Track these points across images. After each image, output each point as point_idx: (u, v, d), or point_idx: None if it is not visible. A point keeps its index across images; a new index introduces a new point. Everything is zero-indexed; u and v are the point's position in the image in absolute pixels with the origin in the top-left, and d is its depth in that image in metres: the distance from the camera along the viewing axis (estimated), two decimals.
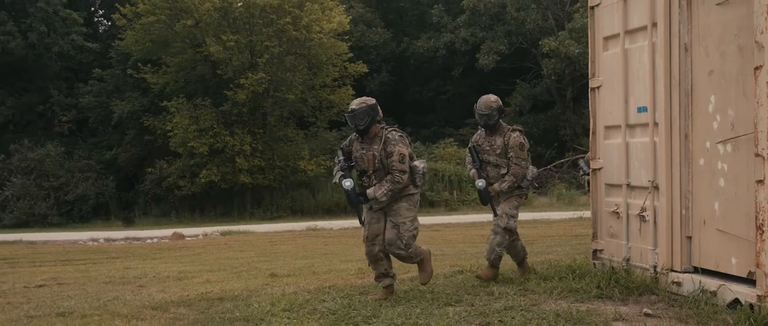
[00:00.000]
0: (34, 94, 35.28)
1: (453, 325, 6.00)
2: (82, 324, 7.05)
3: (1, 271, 13.36)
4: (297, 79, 30.59)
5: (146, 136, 32.26)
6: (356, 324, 6.28)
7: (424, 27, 37.98)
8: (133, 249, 17.90)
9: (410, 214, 7.07)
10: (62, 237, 23.31)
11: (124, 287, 10.07)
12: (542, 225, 18.92)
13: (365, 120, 6.90)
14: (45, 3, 34.62)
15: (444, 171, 30.18)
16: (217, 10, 29.90)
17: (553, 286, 7.40)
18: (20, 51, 33.67)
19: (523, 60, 35.39)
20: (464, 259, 11.02)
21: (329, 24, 30.32)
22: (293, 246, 17.18)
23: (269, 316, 6.79)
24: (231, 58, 29.85)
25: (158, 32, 30.81)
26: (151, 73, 31.28)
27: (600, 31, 7.78)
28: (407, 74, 38.55)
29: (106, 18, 39.96)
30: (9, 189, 31.50)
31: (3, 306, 8.74)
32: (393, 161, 6.86)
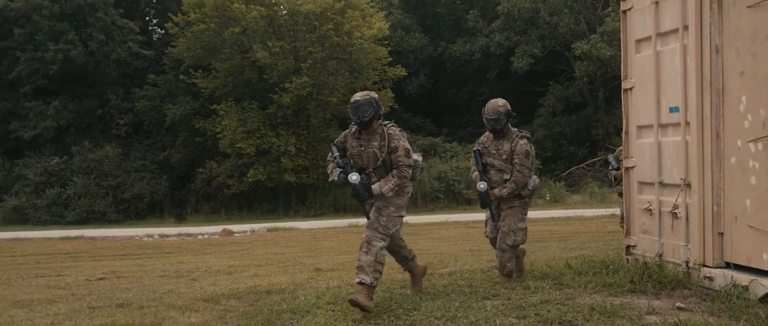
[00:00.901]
0: (93, 98, 35.74)
1: (491, 318, 5.95)
2: (139, 315, 7.11)
3: (64, 265, 13.56)
4: (339, 82, 30.64)
5: (197, 138, 32.52)
6: (398, 316, 6.25)
7: (460, 31, 37.83)
8: (186, 245, 18.05)
9: (398, 202, 6.60)
10: (120, 233, 23.61)
11: (178, 280, 10.15)
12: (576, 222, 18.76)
13: (369, 112, 6.39)
14: (104, 13, 35.08)
15: None
16: (264, 18, 30.07)
17: (587, 281, 7.31)
18: (81, 59, 34.13)
19: (556, 62, 35.09)
20: None
21: (369, 30, 30.33)
22: (336, 242, 17.20)
23: (315, 309, 6.80)
24: (276, 64, 29.99)
25: (208, 39, 31.04)
26: (201, 78, 31.54)
27: (632, 34, 7.67)
28: (444, 77, 38.44)
29: (159, 26, 40.41)
30: (71, 188, 32.03)
31: (67, 298, 8.87)
32: (399, 156, 6.44)
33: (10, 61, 34.94)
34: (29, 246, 19.60)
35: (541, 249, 11.86)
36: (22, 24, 34.51)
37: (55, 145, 34.56)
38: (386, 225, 6.47)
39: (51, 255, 16.19)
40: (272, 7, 30.90)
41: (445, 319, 5.99)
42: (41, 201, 32.08)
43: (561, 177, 31.35)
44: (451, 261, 10.28)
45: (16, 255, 16.30)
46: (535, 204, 27.20)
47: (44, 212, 31.75)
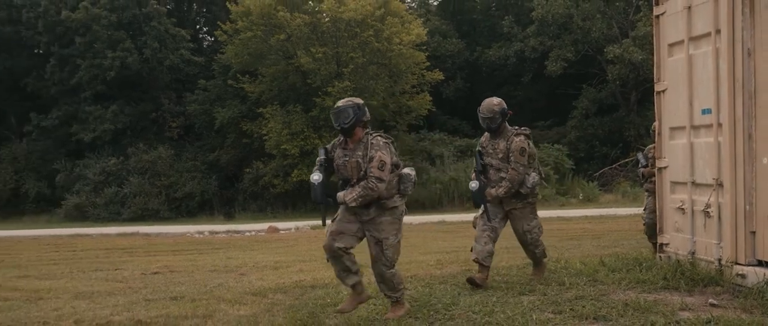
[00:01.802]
0: (148, 103, 36.17)
1: (527, 313, 5.90)
2: (192, 307, 7.17)
3: (121, 260, 13.73)
4: (379, 86, 30.64)
5: (244, 140, 32.74)
6: (437, 311, 6.23)
7: (495, 37, 37.64)
8: (234, 241, 18.17)
9: (393, 228, 6.00)
10: (172, 230, 23.83)
11: (228, 275, 10.23)
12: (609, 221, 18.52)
13: (350, 119, 5.81)
14: (158, 23, 35.49)
15: None
16: (307, 25, 30.20)
17: (621, 277, 7.23)
18: (137, 65, 34.54)
19: (589, 66, 34.74)
20: None
21: (408, 36, 30.30)
22: None
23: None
24: (319, 69, 30.09)
25: (255, 46, 31.24)
26: (248, 83, 31.76)
27: (665, 38, 7.57)
28: (480, 80, 38.26)
29: (209, 34, 40.72)
30: (127, 187, 32.45)
31: (124, 290, 8.99)
32: (371, 167, 5.75)
33: (72, 68, 35.48)
34: (89, 241, 19.88)
35: (575, 247, 11.75)
36: (82, 33, 35.01)
37: (113, 146, 35.02)
38: (392, 258, 6.00)
39: (109, 250, 16.39)
40: (316, 15, 31.02)
41: (483, 313, 5.96)
42: (100, 200, 32.54)
43: (594, 177, 31.06)
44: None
45: (77, 250, 16.53)
46: (569, 203, 27.06)
47: (102, 210, 32.20)
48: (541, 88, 36.31)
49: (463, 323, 5.71)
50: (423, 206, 28.02)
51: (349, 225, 5.98)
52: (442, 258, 10.28)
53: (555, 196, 28.87)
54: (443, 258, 10.53)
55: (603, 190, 29.77)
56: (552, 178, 29.96)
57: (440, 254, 11.06)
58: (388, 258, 5.97)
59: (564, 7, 33.13)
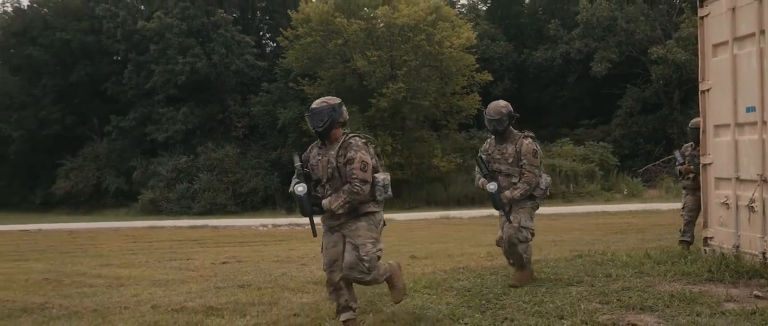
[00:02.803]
0: (215, 105, 36.65)
1: (575, 303, 5.83)
2: (258, 295, 7.25)
3: (192, 250, 13.93)
4: (431, 87, 30.56)
5: (304, 139, 32.88)
6: (488, 300, 6.20)
7: (542, 39, 37.23)
8: (295, 234, 18.28)
9: (371, 235, 5.31)
10: (238, 223, 24.08)
11: (290, 265, 10.31)
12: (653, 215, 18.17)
13: (325, 121, 5.26)
14: (225, 30, 35.93)
15: (561, 166, 29.48)
16: (363, 31, 30.26)
17: (666, 269, 7.10)
18: (205, 70, 35.03)
19: (633, 66, 34.12)
20: (582, 245, 10.71)
21: (458, 39, 30.15)
22: (429, 232, 17.16)
23: (412, 292, 6.79)
24: (374, 71, 30.13)
25: (314, 51, 31.43)
26: (308, 85, 31.93)
27: (709, 38, 7.40)
28: (527, 81, 37.90)
29: (271, 40, 41.08)
30: (197, 183, 32.94)
31: (196, 278, 9.13)
32: (353, 169, 5.13)
33: (147, 73, 36.14)
34: (163, 233, 20.19)
35: (621, 240, 11.57)
36: (156, 41, 35.63)
37: (184, 145, 35.57)
38: (371, 266, 5.27)
39: (181, 241, 16.61)
40: (371, 21, 31.05)
41: (533, 303, 5.90)
42: (172, 195, 33.07)
43: (638, 173, 30.53)
44: (535, 251, 10.06)
45: (153, 241, 16.81)
46: (613, 198, 26.64)
47: (175, 204, 32.71)
48: (586, 88, 35.80)
49: (513, 312, 5.66)
50: (472, 201, 27.84)
51: (335, 249, 5.41)
52: (492, 251, 10.19)
53: (600, 192, 28.49)
54: (493, 250, 10.43)
55: (647, 186, 29.22)
56: (597, 174, 29.60)
57: (490, 247, 10.95)
58: (366, 265, 5.24)
59: (608, 10, 32.62)
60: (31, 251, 14.92)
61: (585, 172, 29.47)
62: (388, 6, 30.29)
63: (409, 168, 30.45)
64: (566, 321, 5.26)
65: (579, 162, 30.01)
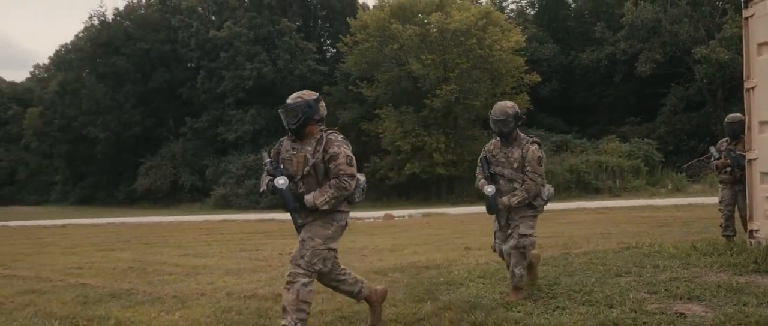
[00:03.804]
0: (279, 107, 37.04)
1: (624, 293, 5.71)
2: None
3: (261, 242, 14.05)
4: (482, 88, 30.36)
5: (363, 138, 33.06)
6: (539, 289, 6.11)
7: (588, 41, 36.63)
8: (355, 227, 18.24)
9: (324, 233, 4.66)
10: None
11: (351, 256, 10.30)
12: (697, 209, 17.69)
13: (299, 117, 4.63)
14: (289, 38, 36.37)
15: (607, 162, 28.98)
16: (418, 36, 30.24)
17: (712, 261, 6.91)
18: (271, 75, 35.49)
19: (677, 66, 33.32)
20: (629, 237, 10.48)
21: (508, 42, 29.89)
22: (480, 225, 16.94)
23: (467, 281, 6.75)
24: (428, 74, 30.08)
25: (371, 55, 31.55)
26: (366, 88, 32.06)
27: (754, 38, 7.17)
28: (574, 81, 37.36)
29: (332, 46, 41.38)
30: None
31: (265, 268, 9.22)
32: (339, 164, 4.57)
33: (218, 78, 36.78)
34: (233, 226, 20.41)
35: (666, 233, 11.30)
36: (226, 49, 36.23)
37: (251, 144, 36.02)
38: (310, 261, 4.60)
39: (250, 233, 16.73)
40: (425, 26, 30.99)
41: (583, 293, 5.80)
42: (241, 190, 33.53)
43: (682, 168, 29.82)
44: (584, 243, 9.96)
45: (225, 233, 16.99)
46: (658, 193, 26.03)
47: (244, 199, 33.14)
48: (631, 87, 35.10)
49: (564, 301, 5.58)
50: None
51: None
52: (542, 243, 10.04)
53: (645, 187, 27.92)
54: (543, 242, 10.29)
55: (691, 181, 28.50)
56: (642, 170, 29.02)
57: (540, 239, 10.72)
58: (306, 259, 4.60)
59: (652, 12, 31.94)
60: (116, 242, 15.28)
61: (630, 168, 28.92)
62: (441, 12, 30.19)
63: (461, 165, 30.30)
64: (615, 310, 5.16)
65: (625, 158, 29.46)
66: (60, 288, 8.01)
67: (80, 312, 6.30)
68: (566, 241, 10.30)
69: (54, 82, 45.83)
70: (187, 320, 5.69)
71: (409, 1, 31.81)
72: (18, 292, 7.87)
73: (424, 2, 31.71)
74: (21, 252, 13.42)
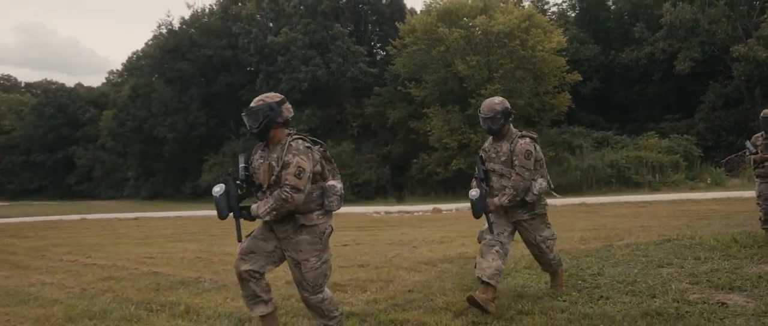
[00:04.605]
0: (333, 107, 37.32)
1: (666, 283, 5.61)
2: (376, 273, 7.33)
3: None
4: (525, 88, 30.03)
5: (411, 135, 33.06)
6: (584, 279, 6.05)
7: (627, 41, 35.90)
8: (405, 220, 18.35)
9: (314, 250, 4.26)
10: (355, 210, 24.34)
11: (402, 247, 10.33)
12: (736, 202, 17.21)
13: (260, 121, 4.20)
14: (341, 42, 36.57)
15: (647, 157, 28.39)
16: (463, 38, 30.07)
17: (753, 253, 6.73)
18: (324, 77, 35.74)
19: (715, 64, 32.43)
20: (669, 230, 10.26)
21: (550, 43, 29.50)
22: None
23: (514, 272, 6.72)
24: (473, 74, 29.89)
25: (419, 57, 31.49)
26: (414, 88, 32.02)
27: None
28: (614, 80, 36.70)
29: (382, 49, 41.43)
30: None
31: None
32: (287, 173, 4.08)
33: (275, 81, 37.18)
34: None
35: (706, 225, 11.02)
36: (283, 53, 36.62)
37: None
38: (316, 283, 4.30)
39: None
40: (470, 29, 30.79)
41: (626, 283, 5.72)
42: None
43: (721, 163, 29.04)
44: (626, 235, 9.79)
45: None
46: (697, 187, 25.39)
47: None
48: (670, 85, 34.34)
49: (608, 291, 5.51)
50: (564, 190, 27.24)
51: (264, 243, 4.36)
52: (585, 235, 9.93)
53: (684, 181, 27.25)
54: (586, 234, 10.18)
55: (730, 175, 27.71)
56: (681, 165, 28.36)
57: (583, 231, 10.69)
58: (310, 283, 4.29)
59: (691, 12, 31.15)
60: (183, 234, 15.60)
61: (670, 163, 28.27)
62: (486, 15, 29.96)
63: None
64: (658, 300, 5.07)
65: (664, 153, 28.82)
66: (135, 275, 8.23)
67: (154, 297, 6.46)
68: (608, 233, 10.14)
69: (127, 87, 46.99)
70: None
71: (454, 5, 31.64)
72: (98, 279, 8.11)
73: (469, 6, 31.51)
74: (99, 242, 13.82)
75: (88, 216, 24.93)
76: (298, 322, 5.17)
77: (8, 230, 19.21)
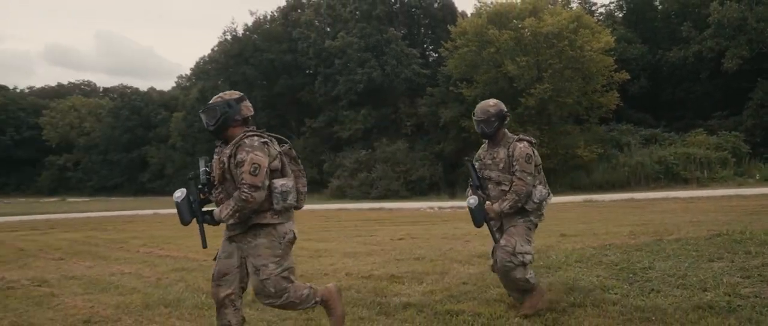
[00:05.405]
0: (388, 107, 37.36)
1: (718, 277, 5.46)
2: (431, 266, 7.33)
3: (373, 228, 14.24)
4: (573, 87, 29.53)
5: (463, 134, 32.81)
6: (634, 273, 5.93)
7: (674, 41, 34.87)
8: (458, 215, 18.22)
9: (272, 253, 3.96)
10: (409, 205, 24.39)
11: (456, 241, 10.30)
12: None
13: (217, 118, 3.92)
14: (395, 45, 36.58)
15: (695, 154, 27.57)
16: (513, 39, 29.75)
17: None
18: (379, 79, 35.82)
19: (764, 62, 31.17)
20: (719, 225, 9.94)
21: (598, 43, 28.92)
22: (575, 213, 16.56)
23: (565, 266, 6.63)
24: (523, 74, 29.53)
25: (470, 58, 31.26)
26: (465, 88, 31.78)
27: None
28: (661, 79, 35.70)
29: (434, 51, 41.25)
30: (374, 173, 33.68)
31: (379, 252, 9.33)
32: (242, 172, 3.77)
33: (333, 83, 37.48)
34: (348, 214, 20.77)
35: (756, 220, 10.64)
36: (340, 56, 36.84)
37: (363, 142, 36.52)
38: (277, 288, 3.96)
39: (363, 221, 17.00)
40: (519, 31, 30.41)
41: (677, 277, 5.59)
42: (355, 182, 34.01)
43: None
44: (675, 230, 9.54)
45: (341, 221, 17.34)
46: (746, 183, 24.54)
47: (357, 190, 33.61)
48: (718, 82, 33.21)
49: (659, 284, 5.39)
50: (613, 186, 26.78)
51: (229, 260, 4.07)
52: (635, 230, 9.71)
53: (733, 177, 26.37)
54: (635, 229, 9.96)
55: None
56: (730, 161, 27.47)
57: (632, 226, 10.46)
58: (269, 292, 3.96)
59: (738, 10, 30.07)
60: None
61: (718, 159, 27.39)
62: (535, 17, 29.58)
63: (555, 157, 29.62)
64: (710, 293, 4.94)
65: (712, 150, 27.95)
66: (204, 266, 8.42)
67: None
68: (657, 228, 9.90)
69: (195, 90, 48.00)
70: None
71: (504, 7, 31.33)
72: (171, 269, 8.34)
73: (519, 8, 31.13)
74: (171, 235, 14.18)
75: (160, 211, 25.60)
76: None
77: (90, 224, 19.91)
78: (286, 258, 4.01)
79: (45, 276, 8.19)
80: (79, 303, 6.23)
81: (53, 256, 10.73)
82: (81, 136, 59.83)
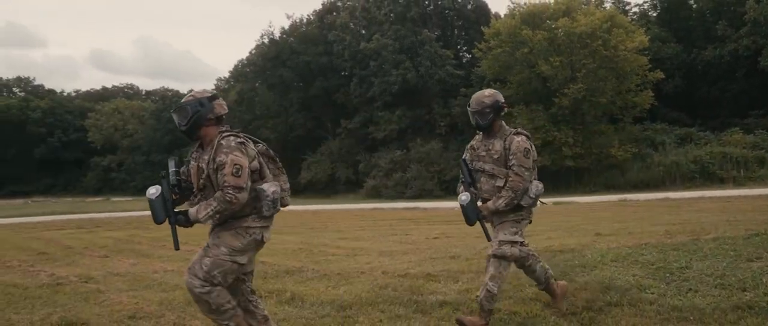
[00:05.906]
0: (422, 108, 37.29)
1: (757, 277, 5.31)
2: (467, 264, 7.29)
3: (409, 227, 14.23)
4: (607, 86, 29.11)
5: None
6: (671, 272, 5.80)
7: (710, 39, 34.10)
8: None
9: (233, 243, 3.72)
10: (443, 205, 24.25)
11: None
12: None
13: (189, 118, 3.74)
14: (429, 46, 36.51)
15: (731, 153, 26.95)
16: (546, 40, 29.45)
17: None
18: (414, 80, 35.78)
19: None
20: (756, 225, 9.66)
21: (632, 43, 28.46)
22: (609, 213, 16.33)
23: (600, 264, 6.53)
24: (556, 74, 29.23)
25: (504, 59, 31.06)
26: (499, 89, 31.47)
27: None
28: (696, 78, 34.91)
29: (467, 52, 41.01)
30: (409, 173, 33.69)
31: (414, 250, 9.32)
32: (225, 174, 3.59)
33: (368, 84, 37.55)
34: (384, 214, 20.79)
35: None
36: (375, 58, 36.91)
37: (398, 142, 36.53)
38: (209, 271, 3.67)
39: (399, 220, 17.01)
40: (553, 31, 30.08)
41: (715, 277, 5.46)
42: (390, 182, 34.06)
43: None
44: (712, 229, 9.32)
45: (377, 220, 17.37)
46: None
47: (392, 190, 33.64)
48: (754, 81, 32.34)
49: (697, 284, 5.27)
50: (647, 185, 26.30)
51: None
52: (671, 229, 9.52)
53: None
54: (671, 228, 9.76)
55: None
56: (767, 160, 26.78)
57: (668, 225, 10.25)
58: (204, 268, 3.68)
59: None
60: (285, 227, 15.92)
61: (755, 158, 26.72)
62: (568, 17, 29.24)
63: (589, 157, 29.26)
64: (749, 294, 4.81)
65: (749, 149, 27.27)
66: None
67: (261, 285, 6.65)
68: (694, 228, 9.69)
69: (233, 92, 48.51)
70: (350, 294, 5.86)
71: (537, 8, 31.04)
72: None
73: (552, 9, 30.80)
74: None
75: None
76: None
77: (133, 222, 20.28)
78: (241, 255, 3.77)
79: (91, 273, 8.37)
80: (124, 299, 6.35)
81: (99, 254, 10.96)
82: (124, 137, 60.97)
